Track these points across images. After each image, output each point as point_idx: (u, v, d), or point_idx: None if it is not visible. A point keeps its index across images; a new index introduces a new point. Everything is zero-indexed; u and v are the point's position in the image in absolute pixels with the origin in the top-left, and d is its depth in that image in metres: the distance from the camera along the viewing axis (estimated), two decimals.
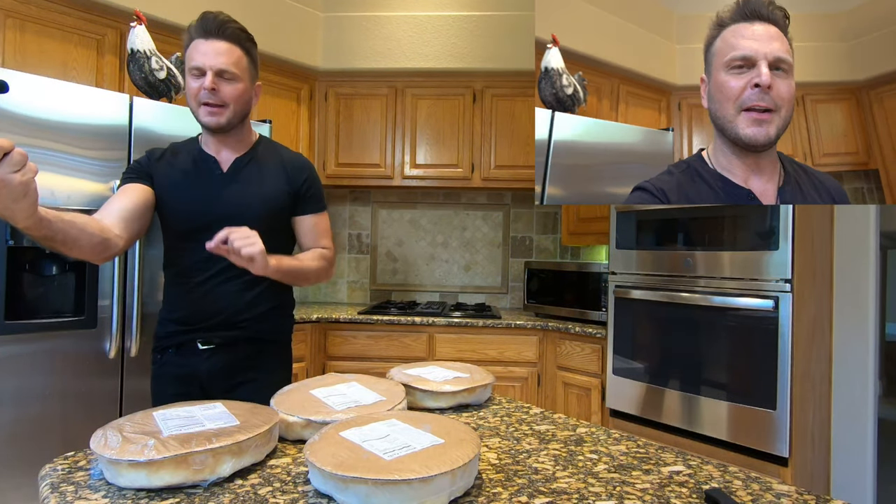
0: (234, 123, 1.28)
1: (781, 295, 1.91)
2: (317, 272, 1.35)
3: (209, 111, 1.24)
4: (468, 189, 3.30)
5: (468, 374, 1.22)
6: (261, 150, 1.38)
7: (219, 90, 1.23)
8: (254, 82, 1.33)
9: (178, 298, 1.32)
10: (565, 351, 2.67)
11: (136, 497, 0.69)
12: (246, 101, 1.29)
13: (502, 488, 0.74)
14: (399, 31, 3.10)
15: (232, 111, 1.26)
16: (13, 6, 2.04)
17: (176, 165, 1.31)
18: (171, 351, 1.31)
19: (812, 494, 0.74)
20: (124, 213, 1.20)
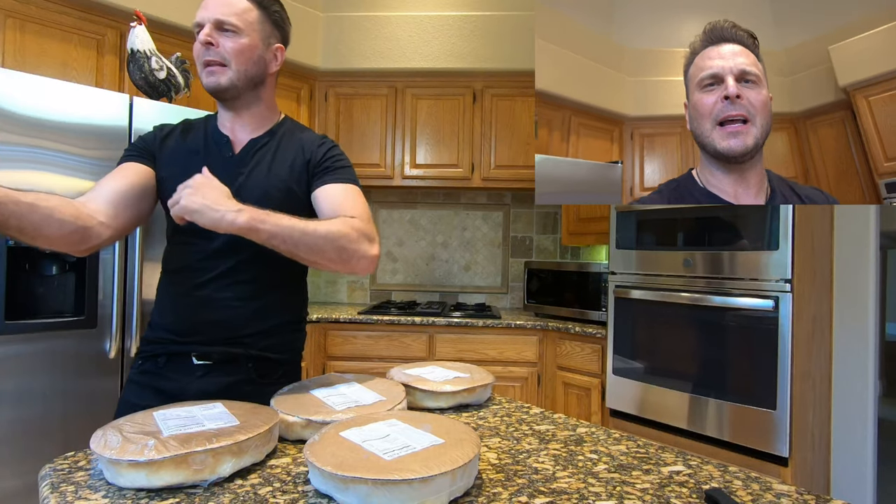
0: (240, 87, 1.09)
1: (781, 295, 1.91)
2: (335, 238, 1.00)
3: (209, 70, 1.07)
4: (468, 189, 3.30)
5: (468, 374, 1.22)
6: (282, 133, 1.18)
7: (217, 44, 1.05)
8: (269, 43, 1.12)
9: (172, 302, 1.12)
10: (565, 351, 2.67)
11: (136, 497, 0.69)
12: (252, 59, 1.09)
13: (502, 488, 0.74)
14: (399, 31, 3.10)
15: (234, 71, 1.07)
16: (13, 6, 2.04)
17: (184, 145, 1.13)
18: (159, 360, 1.11)
19: (812, 494, 0.74)
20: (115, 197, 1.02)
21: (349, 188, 1.15)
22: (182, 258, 1.11)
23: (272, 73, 1.16)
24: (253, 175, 1.10)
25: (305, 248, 0.98)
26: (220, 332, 1.08)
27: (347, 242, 1.02)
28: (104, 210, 1.00)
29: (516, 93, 3.09)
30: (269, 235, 0.95)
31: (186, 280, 1.10)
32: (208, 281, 1.09)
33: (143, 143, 1.13)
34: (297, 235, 0.97)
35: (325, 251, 1.00)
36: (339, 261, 1.02)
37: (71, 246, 0.95)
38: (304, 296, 1.24)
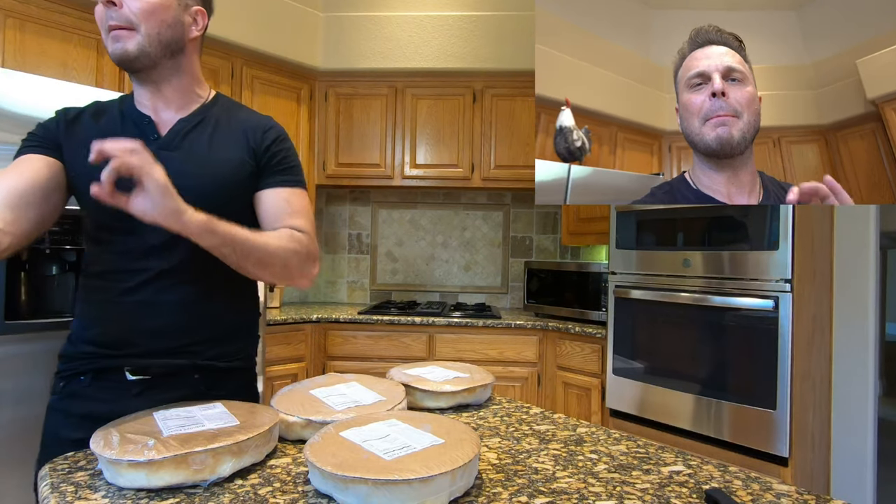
0: (153, 55, 0.94)
1: (781, 295, 1.91)
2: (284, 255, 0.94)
3: (114, 35, 0.92)
4: (468, 189, 3.30)
5: (468, 374, 1.22)
6: (216, 111, 1.04)
7: (120, 4, 0.90)
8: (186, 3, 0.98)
9: (97, 311, 0.97)
10: (565, 351, 2.67)
11: (136, 497, 0.69)
12: (166, 21, 0.94)
13: (502, 488, 0.74)
14: (399, 31, 3.10)
15: (145, 35, 0.92)
16: (13, 6, 2.04)
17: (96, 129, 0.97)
18: (83, 379, 0.95)
19: (812, 494, 0.74)
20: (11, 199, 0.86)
21: (298, 194, 1.05)
22: (109, 259, 0.96)
23: (193, 38, 1.00)
24: (186, 163, 0.96)
25: (254, 261, 0.91)
26: (159, 341, 0.95)
27: (296, 261, 0.97)
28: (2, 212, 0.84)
29: (516, 93, 3.09)
30: (221, 242, 0.86)
31: (115, 284, 0.95)
32: (143, 284, 0.95)
33: (43, 132, 0.97)
34: (249, 247, 0.89)
35: (272, 266, 0.94)
36: (281, 276, 0.97)
37: None
38: (255, 296, 1.12)
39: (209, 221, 0.84)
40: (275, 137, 1.05)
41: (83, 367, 0.96)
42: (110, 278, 0.96)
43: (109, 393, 0.95)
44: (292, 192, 1.04)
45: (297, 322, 2.68)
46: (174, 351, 0.97)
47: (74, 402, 0.95)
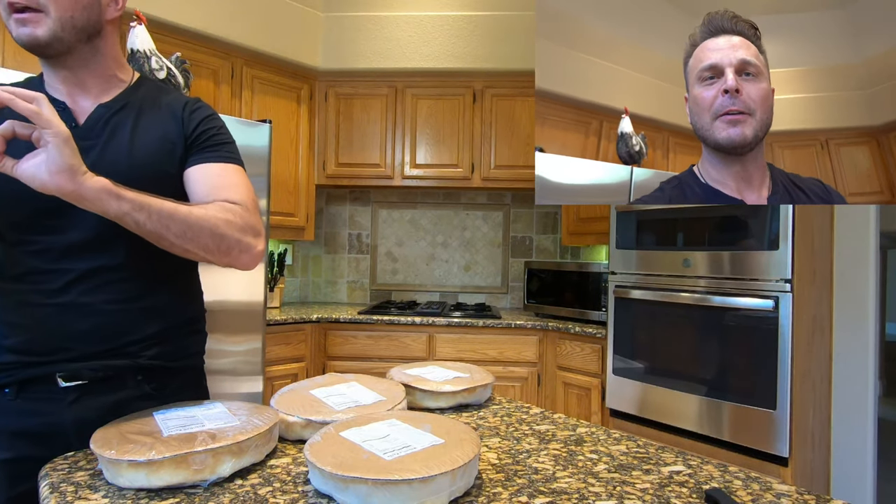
0: (65, 40, 0.84)
1: (781, 295, 1.91)
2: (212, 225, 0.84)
3: (18, 18, 0.81)
4: (468, 189, 3.30)
5: (468, 374, 1.22)
6: (139, 95, 0.95)
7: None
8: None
9: (18, 317, 0.87)
10: (565, 351, 2.67)
11: (136, 497, 0.69)
12: (83, 4, 0.85)
13: (502, 488, 0.74)
14: (399, 31, 3.10)
15: (56, 19, 0.82)
16: None
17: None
18: (7, 392, 0.86)
19: (812, 494, 0.74)
20: None
21: (231, 168, 0.95)
22: (27, 261, 0.87)
23: (111, 19, 0.91)
24: (108, 151, 0.88)
25: (176, 232, 0.81)
26: (94, 343, 0.88)
27: (228, 230, 0.86)
28: None
29: (516, 93, 3.09)
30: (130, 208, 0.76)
31: (36, 286, 0.86)
32: (68, 284, 0.87)
33: None
34: (167, 214, 0.79)
35: (199, 237, 0.83)
36: (216, 251, 0.86)
37: None
38: (197, 290, 1.05)
39: (112, 185, 0.75)
40: (204, 116, 0.97)
41: (6, 380, 0.87)
42: (30, 281, 0.86)
43: (41, 404, 0.86)
44: (224, 167, 0.95)
45: (297, 322, 2.68)
46: (110, 353, 0.89)
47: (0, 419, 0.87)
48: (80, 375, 0.87)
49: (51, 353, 0.86)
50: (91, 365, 0.87)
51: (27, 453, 0.84)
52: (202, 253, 0.86)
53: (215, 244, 0.86)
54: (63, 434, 0.85)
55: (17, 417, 0.86)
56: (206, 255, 0.87)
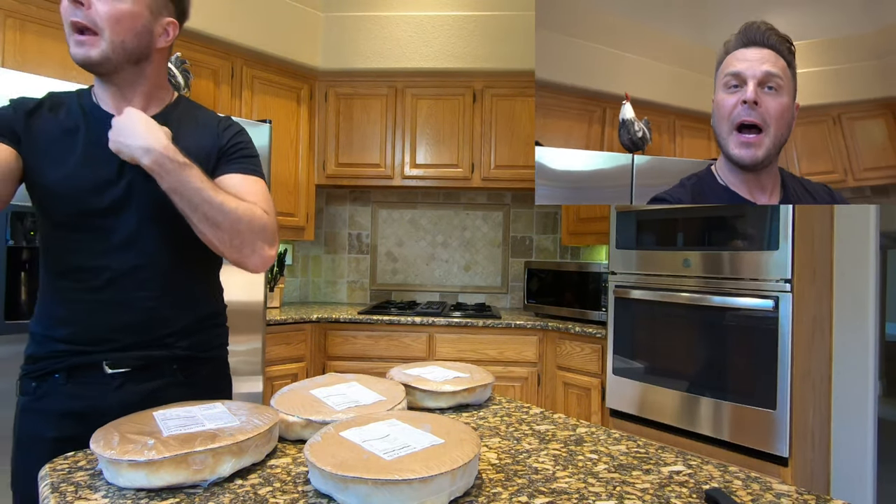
0: (115, 61, 0.93)
1: (781, 295, 1.91)
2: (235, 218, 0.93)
3: (77, 40, 0.91)
4: (468, 189, 3.30)
5: (468, 374, 1.22)
6: (177, 113, 1.06)
7: (88, 5, 0.89)
8: (158, 13, 0.97)
9: (66, 310, 0.96)
10: (565, 351, 2.67)
11: (136, 497, 0.69)
12: (134, 30, 0.93)
13: (502, 488, 0.74)
14: (399, 31, 3.10)
15: (109, 42, 0.91)
16: (13, 6, 2.04)
17: (56, 123, 0.96)
18: (58, 377, 0.95)
19: (812, 494, 0.74)
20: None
21: (255, 181, 1.05)
22: (73, 258, 0.96)
23: (161, 48, 1.00)
24: None
25: (202, 216, 0.90)
26: (134, 334, 0.97)
27: (248, 229, 0.95)
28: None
29: (516, 93, 3.09)
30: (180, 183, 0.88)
31: (81, 283, 0.96)
32: (111, 281, 0.96)
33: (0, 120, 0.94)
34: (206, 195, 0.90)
35: (221, 227, 0.92)
36: (230, 245, 0.95)
37: None
38: (219, 289, 1.15)
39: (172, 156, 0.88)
40: (236, 131, 1.09)
41: (56, 366, 0.96)
42: (74, 277, 0.96)
43: (88, 388, 0.96)
44: (248, 178, 1.05)
45: (297, 322, 2.68)
46: (149, 343, 0.99)
47: (50, 401, 0.96)
48: (125, 364, 0.96)
49: (97, 344, 0.96)
50: (133, 355, 0.97)
51: (72, 433, 0.91)
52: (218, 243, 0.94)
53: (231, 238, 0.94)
54: (108, 415, 0.90)
55: (66, 400, 0.95)
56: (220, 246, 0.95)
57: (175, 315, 1.01)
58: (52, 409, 0.95)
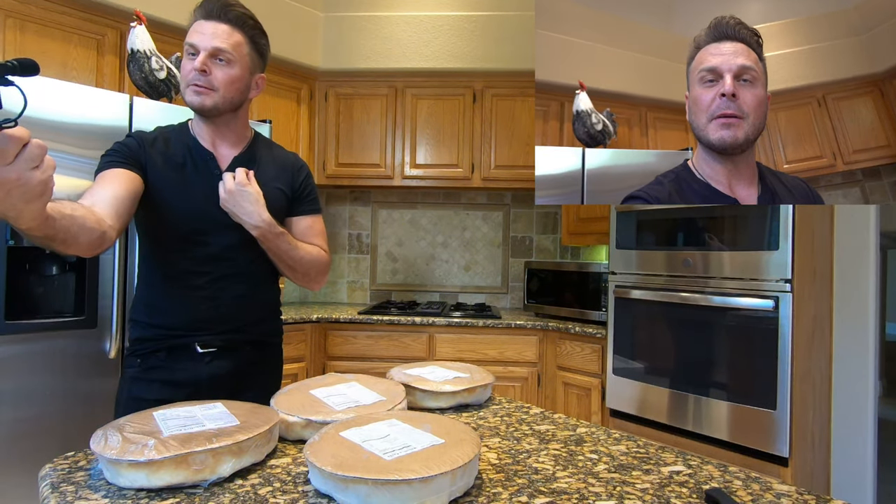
0: (222, 110, 1.18)
1: (781, 295, 1.91)
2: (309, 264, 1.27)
3: (196, 90, 1.15)
4: (468, 189, 3.30)
5: (468, 374, 1.22)
6: (258, 149, 1.31)
7: (210, 72, 1.14)
8: (254, 72, 1.23)
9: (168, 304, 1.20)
10: (565, 351, 2.67)
11: (136, 497, 0.69)
12: (239, 88, 1.19)
13: (502, 488, 0.74)
14: (399, 31, 3.10)
15: (221, 96, 1.16)
16: (13, 6, 2.04)
17: (168, 157, 1.20)
18: (160, 354, 1.19)
19: (812, 494, 0.74)
20: (116, 203, 1.07)
21: (319, 220, 1.37)
22: (180, 263, 1.20)
23: (251, 98, 1.26)
24: None
25: (289, 263, 1.25)
26: (223, 323, 1.22)
27: (317, 271, 1.31)
28: (110, 215, 1.04)
29: (516, 93, 3.09)
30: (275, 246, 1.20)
31: (185, 282, 1.20)
32: (209, 282, 1.21)
33: (129, 151, 1.16)
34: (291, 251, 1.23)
35: (298, 270, 1.27)
36: (302, 279, 1.30)
37: (91, 250, 0.99)
38: (279, 288, 1.41)
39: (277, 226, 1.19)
40: (306, 174, 1.36)
41: (159, 346, 1.19)
42: (182, 279, 1.20)
43: (185, 363, 1.19)
44: (316, 218, 1.36)
45: (297, 322, 2.68)
46: (232, 330, 1.23)
47: (154, 372, 1.18)
48: (213, 345, 1.20)
49: (191, 329, 1.19)
50: (220, 338, 1.21)
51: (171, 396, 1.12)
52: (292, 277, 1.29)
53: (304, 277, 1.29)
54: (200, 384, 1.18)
55: (167, 371, 1.19)
56: (293, 278, 1.29)
57: (253, 309, 1.27)
58: (157, 378, 1.18)
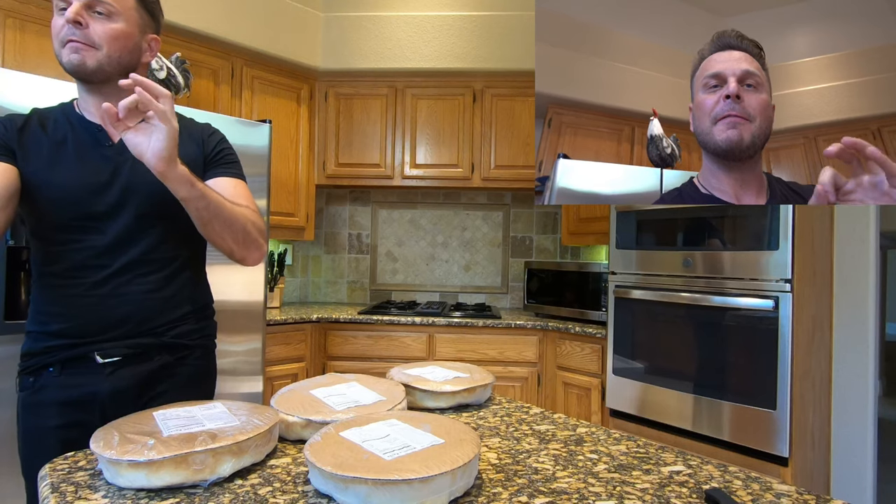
0: (109, 71, 1.01)
1: (781, 295, 1.91)
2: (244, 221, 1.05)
3: (74, 46, 0.97)
4: (468, 189, 3.30)
5: (468, 374, 1.22)
6: None
7: (86, 25, 0.97)
8: (145, 31, 1.06)
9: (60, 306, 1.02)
10: (565, 351, 2.67)
11: (136, 497, 0.69)
12: (127, 46, 1.02)
13: (502, 488, 0.74)
14: (399, 31, 3.10)
15: (106, 55, 0.99)
16: (13, 6, 2.04)
17: (45, 137, 1.02)
18: (52, 370, 1.01)
19: (812, 494, 0.74)
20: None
21: (240, 184, 1.16)
22: (70, 257, 1.02)
23: (144, 62, 1.10)
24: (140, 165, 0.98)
25: (222, 221, 1.02)
26: (128, 326, 1.04)
27: (252, 229, 1.08)
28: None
29: (516, 93, 3.09)
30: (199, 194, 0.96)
31: (80, 280, 1.02)
32: (108, 277, 1.03)
33: None
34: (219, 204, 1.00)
35: (234, 229, 1.04)
36: (238, 243, 1.06)
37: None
38: (206, 285, 1.23)
39: (190, 174, 0.94)
40: (219, 139, 1.19)
41: (49, 360, 1.02)
42: (74, 275, 1.02)
43: (81, 378, 1.02)
44: (235, 181, 1.15)
45: (297, 322, 2.68)
46: (140, 333, 1.05)
47: (47, 393, 1.01)
48: (116, 353, 1.03)
49: (90, 336, 1.02)
50: (125, 343, 1.04)
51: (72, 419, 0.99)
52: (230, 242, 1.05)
53: (242, 238, 1.06)
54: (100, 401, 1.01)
55: (61, 390, 1.01)
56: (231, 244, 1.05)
57: (166, 307, 1.08)
58: (50, 399, 1.01)
